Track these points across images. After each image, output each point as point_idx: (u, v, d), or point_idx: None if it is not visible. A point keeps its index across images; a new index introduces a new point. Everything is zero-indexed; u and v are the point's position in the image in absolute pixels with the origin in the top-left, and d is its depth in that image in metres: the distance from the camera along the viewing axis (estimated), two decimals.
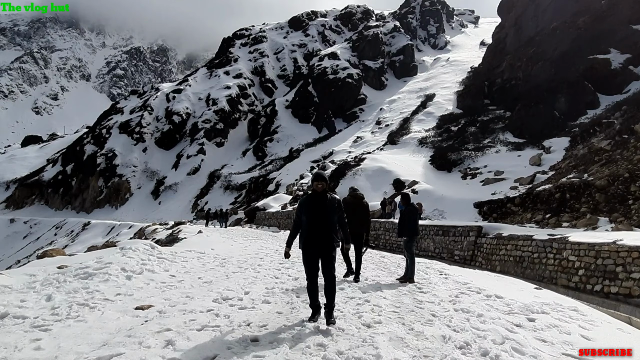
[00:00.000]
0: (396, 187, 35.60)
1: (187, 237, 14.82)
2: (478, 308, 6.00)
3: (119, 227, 45.46)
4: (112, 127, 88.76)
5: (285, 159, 68.72)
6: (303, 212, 5.08)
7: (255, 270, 8.30)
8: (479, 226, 18.83)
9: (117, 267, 7.22)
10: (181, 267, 8.36)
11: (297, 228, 5.20)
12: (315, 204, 5.04)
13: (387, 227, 23.92)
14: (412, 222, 8.26)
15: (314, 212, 5.00)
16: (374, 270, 9.16)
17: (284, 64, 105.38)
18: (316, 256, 5.07)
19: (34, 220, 67.68)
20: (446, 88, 65.58)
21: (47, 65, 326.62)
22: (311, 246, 5.02)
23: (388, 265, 10.39)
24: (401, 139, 51.03)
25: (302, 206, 5.13)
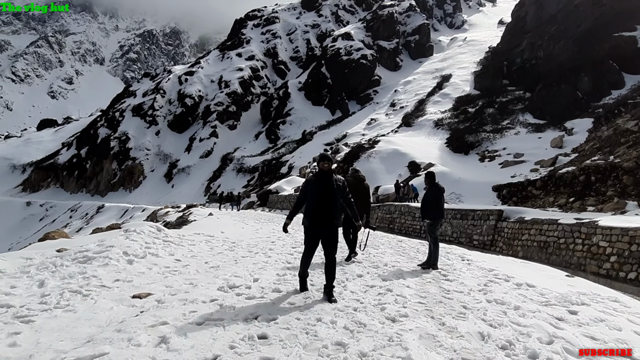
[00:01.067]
0: (411, 169, 34.81)
1: (197, 220, 14.38)
2: (512, 299, 5.37)
3: (132, 210, 45.56)
4: (125, 110, 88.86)
5: (298, 141, 68.02)
6: (309, 190, 5.16)
7: (266, 254, 7.76)
8: (500, 210, 18.03)
9: (118, 251, 6.74)
10: (187, 251, 7.86)
11: (300, 205, 5.29)
12: (322, 183, 5.10)
13: (403, 210, 23.25)
14: (436, 204, 7.60)
15: (320, 191, 5.07)
16: (392, 256, 8.55)
17: (297, 45, 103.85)
18: (318, 236, 5.12)
19: (49, 203, 68.50)
20: (463, 68, 63.88)
21: (62, 49, 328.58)
22: (316, 225, 5.07)
23: (407, 250, 9.77)
24: (416, 121, 49.96)
25: (308, 184, 5.21)
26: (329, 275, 5.01)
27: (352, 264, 7.17)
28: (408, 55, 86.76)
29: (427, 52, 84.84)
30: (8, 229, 62.96)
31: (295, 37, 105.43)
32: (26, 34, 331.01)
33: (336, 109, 77.76)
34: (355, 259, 7.69)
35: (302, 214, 5.26)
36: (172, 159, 79.95)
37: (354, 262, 7.29)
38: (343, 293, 5.08)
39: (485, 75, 53.77)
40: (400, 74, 79.45)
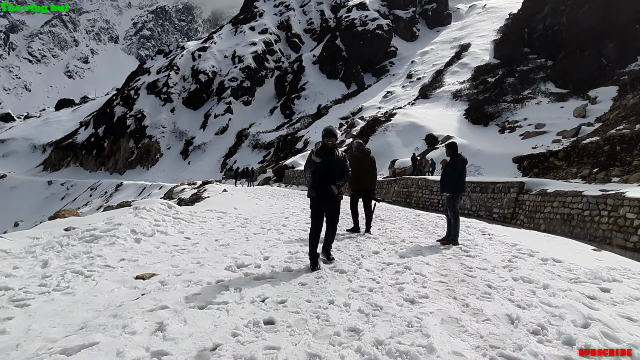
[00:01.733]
0: (429, 142, 34.10)
1: (211, 197, 14.20)
2: (540, 276, 4.99)
3: (150, 188, 45.98)
4: (139, 88, 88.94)
5: (313, 116, 67.25)
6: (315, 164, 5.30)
7: (278, 231, 7.49)
8: (521, 182, 17.41)
9: (126, 229, 6.54)
10: (198, 228, 7.64)
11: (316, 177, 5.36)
12: (326, 158, 5.27)
13: (420, 184, 22.76)
14: (456, 177, 7.14)
15: (325, 165, 5.23)
16: (410, 231, 8.18)
17: (311, 17, 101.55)
18: (324, 208, 5.30)
19: (70, 182, 69.75)
20: (482, 37, 61.70)
21: (76, 28, 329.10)
22: (321, 197, 5.23)
23: (425, 225, 9.39)
24: (434, 93, 48.75)
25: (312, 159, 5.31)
26: (328, 240, 5.40)
27: (368, 240, 6.84)
28: (425, 24, 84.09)
29: (445, 21, 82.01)
30: (31, 207, 64.52)
31: (308, 8, 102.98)
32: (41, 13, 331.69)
33: (351, 82, 76.36)
34: (370, 235, 7.36)
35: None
36: (187, 136, 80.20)
37: (370, 238, 6.96)
38: (358, 272, 4.77)
39: (505, 44, 51.84)
40: (417, 44, 77.22)
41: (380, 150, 35.70)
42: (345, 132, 47.13)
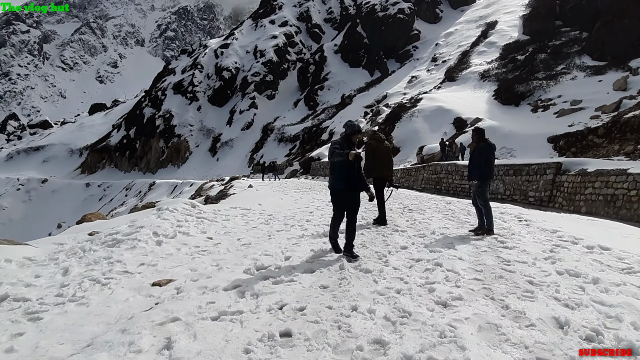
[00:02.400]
0: (457, 126, 33.09)
1: (236, 193, 14.10)
2: (587, 268, 4.52)
3: (181, 186, 46.83)
4: (166, 89, 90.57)
5: (337, 106, 66.67)
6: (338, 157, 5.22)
7: (302, 227, 7.22)
8: (558, 162, 16.49)
9: (148, 232, 6.44)
10: (221, 227, 7.48)
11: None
12: None
13: (450, 169, 22.03)
14: (485, 162, 6.70)
15: (349, 161, 5.16)
16: (440, 221, 7.75)
17: (330, 6, 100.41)
18: (345, 201, 5.34)
19: (106, 183, 72.06)
20: (510, 13, 59.37)
21: (104, 34, 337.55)
22: (347, 189, 5.29)
23: (456, 214, 8.92)
24: (460, 75, 47.36)
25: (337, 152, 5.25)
26: (349, 236, 5.28)
27: (395, 233, 6.49)
28: (448, 4, 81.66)
29: (470, 0, 79.31)
30: (72, 209, 67.01)
31: None
32: (70, 22, 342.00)
33: (375, 70, 75.16)
34: (398, 227, 7.00)
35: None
36: (215, 133, 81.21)
37: (397, 231, 6.60)
38: (384, 270, 4.42)
39: (535, 18, 49.65)
40: (440, 26, 75.10)
41: (407, 137, 35.00)
42: (370, 121, 46.44)
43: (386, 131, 37.11)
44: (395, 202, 11.92)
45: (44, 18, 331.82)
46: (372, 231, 6.81)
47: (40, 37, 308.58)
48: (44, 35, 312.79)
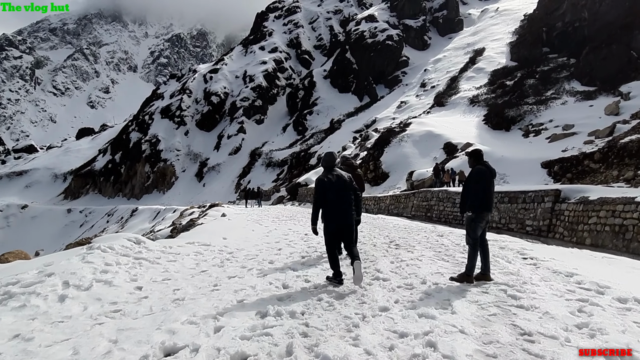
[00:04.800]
0: (447, 151, 32.20)
1: (205, 223, 12.67)
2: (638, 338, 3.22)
3: (164, 212, 45.06)
4: (154, 113, 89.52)
5: (326, 131, 65.97)
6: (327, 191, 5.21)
7: (261, 272, 5.77)
8: (557, 189, 15.32)
9: (57, 281, 4.99)
10: (161, 271, 6.05)
11: (320, 207, 5.29)
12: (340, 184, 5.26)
13: (441, 196, 20.85)
14: (482, 190, 5.28)
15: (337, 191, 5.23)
16: (432, 262, 6.38)
17: (320, 33, 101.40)
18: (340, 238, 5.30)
19: (88, 209, 69.83)
20: (497, 40, 59.87)
21: (97, 60, 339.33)
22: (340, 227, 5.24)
23: (450, 251, 7.57)
24: (449, 100, 47.01)
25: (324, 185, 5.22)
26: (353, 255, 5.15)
27: (376, 282, 5.09)
28: (436, 32, 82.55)
29: (457, 27, 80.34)
30: (51, 236, 64.55)
31: (317, 25, 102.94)
32: (63, 48, 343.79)
33: (364, 95, 75.01)
34: (380, 273, 5.60)
35: None
36: (202, 158, 79.84)
37: (379, 280, 5.21)
38: (350, 356, 3.05)
39: (522, 45, 49.91)
40: (429, 53, 75.63)
41: (396, 162, 34.00)
42: (359, 146, 45.52)
43: (375, 156, 36.11)
44: (381, 234, 10.56)
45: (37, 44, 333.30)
46: (346, 278, 5.42)
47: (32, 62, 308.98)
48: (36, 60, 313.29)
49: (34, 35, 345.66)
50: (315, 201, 5.25)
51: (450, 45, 71.98)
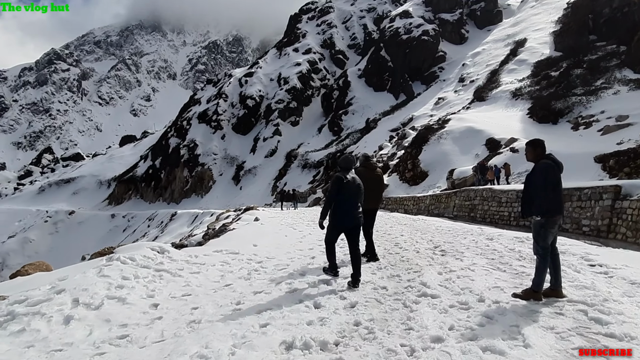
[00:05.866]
0: (490, 147, 30.61)
1: (237, 228, 12.21)
2: None
3: (202, 216, 45.60)
4: (191, 119, 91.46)
5: (362, 130, 65.03)
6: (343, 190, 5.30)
7: (289, 287, 5.11)
8: (616, 185, 13.81)
9: (66, 299, 4.54)
10: (182, 285, 5.51)
11: (332, 202, 5.37)
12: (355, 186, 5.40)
13: (485, 195, 19.58)
14: (550, 189, 4.34)
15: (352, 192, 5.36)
16: (487, 273, 5.50)
17: (354, 32, 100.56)
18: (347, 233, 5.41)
19: (130, 214, 72.04)
20: (539, 30, 57.13)
21: (138, 69, 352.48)
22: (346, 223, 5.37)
23: (505, 258, 6.65)
24: (490, 94, 45.07)
25: (341, 184, 5.29)
26: (357, 268, 5.19)
27: (423, 300, 4.31)
28: (474, 25, 79.89)
29: (496, 19, 77.44)
30: (96, 240, 66.95)
31: (351, 24, 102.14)
32: (107, 59, 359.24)
33: (400, 93, 73.51)
34: (427, 287, 4.80)
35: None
36: (238, 161, 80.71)
37: (426, 297, 4.42)
38: None
39: (567, 34, 47.27)
40: (467, 47, 73.22)
41: (435, 160, 32.72)
42: (396, 144, 44.34)
43: (412, 154, 34.92)
44: (423, 238, 9.70)
45: (83, 57, 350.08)
46: (387, 293, 4.67)
47: (79, 74, 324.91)
48: (82, 72, 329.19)
49: (80, 48, 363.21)
50: (329, 197, 5.37)
51: (489, 38, 69.42)
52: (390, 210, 28.94)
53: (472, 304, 4.15)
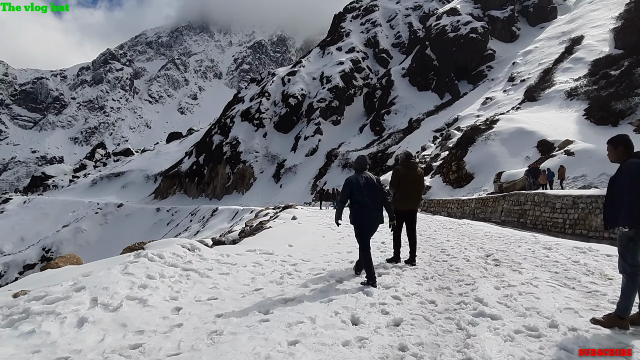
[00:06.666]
0: (542, 150, 28.83)
1: (274, 226, 11.82)
2: None
3: (242, 212, 45.92)
4: (234, 116, 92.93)
5: (405, 130, 63.55)
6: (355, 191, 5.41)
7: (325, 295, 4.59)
8: None
9: (85, 297, 4.23)
10: (209, 287, 5.10)
11: (344, 204, 5.56)
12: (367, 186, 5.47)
13: (537, 200, 18.32)
14: (634, 195, 3.52)
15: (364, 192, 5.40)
16: (554, 291, 4.68)
17: (398, 31, 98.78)
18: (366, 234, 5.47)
19: (174, 208, 74.04)
20: (597, 27, 53.74)
21: (186, 69, 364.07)
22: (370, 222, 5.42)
23: (570, 271, 5.80)
24: (542, 94, 42.76)
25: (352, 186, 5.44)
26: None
27: (482, 320, 3.64)
28: (526, 22, 76.32)
29: (550, 16, 73.58)
30: (142, 233, 69.31)
31: (396, 22, 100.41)
32: (157, 59, 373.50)
33: (445, 92, 71.32)
34: (485, 305, 4.12)
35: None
36: (279, 159, 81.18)
37: (485, 317, 3.76)
38: None
39: (629, 31, 44.14)
40: (517, 45, 70.02)
41: (482, 162, 31.26)
42: (440, 145, 42.86)
43: (457, 156, 33.53)
44: (472, 245, 8.90)
45: (135, 56, 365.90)
46: (436, 309, 4.04)
47: (131, 73, 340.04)
48: (134, 72, 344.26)
49: (133, 48, 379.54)
50: (341, 200, 5.57)
51: (543, 35, 66.03)
52: (433, 212, 27.88)
53: (542, 330, 3.44)
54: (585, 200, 14.96)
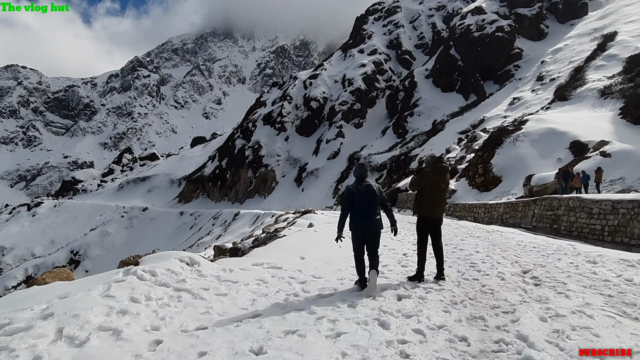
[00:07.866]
0: (575, 151, 27.32)
1: (287, 235, 11.13)
2: None
3: (263, 216, 45.61)
4: (256, 120, 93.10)
5: (428, 133, 62.12)
6: (355, 200, 5.41)
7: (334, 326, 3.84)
8: None
9: (48, 329, 3.60)
10: (201, 312, 4.41)
11: (347, 214, 5.55)
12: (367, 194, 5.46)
13: (572, 205, 17.14)
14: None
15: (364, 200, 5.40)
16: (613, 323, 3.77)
17: (421, 32, 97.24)
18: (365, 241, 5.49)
19: (197, 212, 74.46)
20: (632, 22, 51.46)
21: (211, 74, 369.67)
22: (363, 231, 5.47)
23: (626, 293, 4.91)
24: (574, 93, 40.95)
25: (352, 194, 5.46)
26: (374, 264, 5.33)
27: None
28: (555, 19, 73.76)
29: (580, 12, 70.87)
30: (166, 236, 70.00)
31: (419, 23, 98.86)
32: (183, 66, 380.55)
33: (470, 93, 69.47)
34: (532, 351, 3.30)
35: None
36: (301, 163, 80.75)
37: None
38: None
39: None
40: (546, 43, 67.68)
41: (510, 165, 29.90)
42: (465, 147, 41.47)
43: (484, 158, 32.19)
44: (505, 257, 7.99)
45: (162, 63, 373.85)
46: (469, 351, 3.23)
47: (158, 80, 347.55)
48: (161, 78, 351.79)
49: (160, 55, 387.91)
50: (343, 209, 5.57)
51: (573, 32, 63.60)
52: (458, 217, 26.77)
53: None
54: (626, 205, 13.82)
